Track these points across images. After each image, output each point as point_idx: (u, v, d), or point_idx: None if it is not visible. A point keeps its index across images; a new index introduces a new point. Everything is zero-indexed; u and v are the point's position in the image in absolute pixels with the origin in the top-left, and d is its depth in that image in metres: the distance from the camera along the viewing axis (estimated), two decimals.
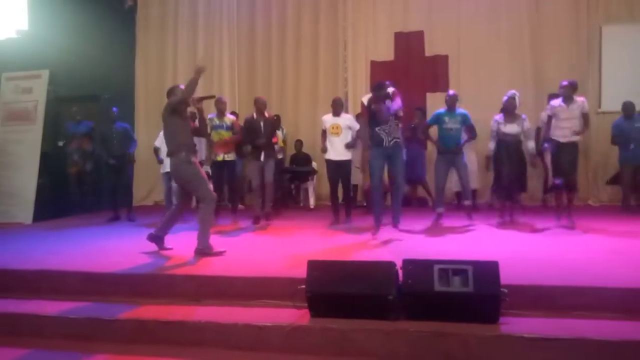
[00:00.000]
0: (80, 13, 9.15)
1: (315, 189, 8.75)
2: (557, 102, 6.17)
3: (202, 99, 5.28)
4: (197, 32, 9.70)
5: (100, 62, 9.04)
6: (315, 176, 8.72)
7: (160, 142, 7.35)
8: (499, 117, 6.34)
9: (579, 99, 6.16)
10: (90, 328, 3.74)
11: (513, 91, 6.34)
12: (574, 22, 8.49)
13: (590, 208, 7.91)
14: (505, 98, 6.28)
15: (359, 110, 8.09)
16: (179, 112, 5.00)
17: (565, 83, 6.17)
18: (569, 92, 6.08)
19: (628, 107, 7.28)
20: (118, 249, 5.40)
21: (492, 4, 8.73)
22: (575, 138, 6.07)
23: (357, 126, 6.82)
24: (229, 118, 7.06)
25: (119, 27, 9.57)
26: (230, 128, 6.97)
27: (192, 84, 4.89)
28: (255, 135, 6.83)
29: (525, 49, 8.63)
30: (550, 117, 6.19)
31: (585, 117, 6.12)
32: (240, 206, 8.85)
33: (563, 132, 6.06)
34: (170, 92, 5.18)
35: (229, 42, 9.63)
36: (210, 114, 7.18)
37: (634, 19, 8.29)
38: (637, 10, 8.31)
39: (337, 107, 6.78)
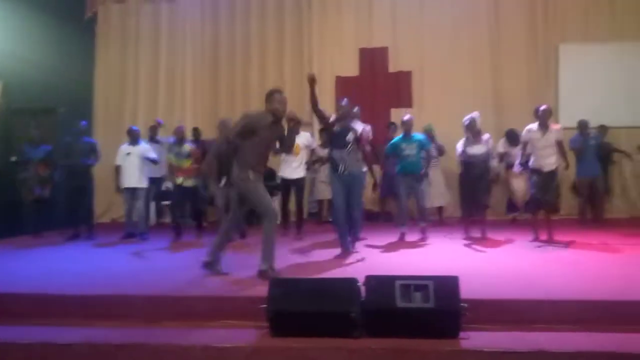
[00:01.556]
0: (36, 22, 8.84)
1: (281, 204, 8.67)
2: (533, 127, 6.06)
3: (296, 125, 5.06)
4: (160, 45, 9.59)
5: (57, 73, 8.74)
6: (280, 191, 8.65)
7: (122, 159, 7.20)
8: (462, 141, 6.41)
9: (555, 126, 6.16)
10: (43, 353, 3.56)
11: (473, 113, 6.41)
12: (532, 41, 8.81)
13: (548, 221, 8.08)
14: (466, 122, 6.34)
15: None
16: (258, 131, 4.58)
17: (542, 108, 6.07)
18: (546, 118, 6.00)
19: (583, 125, 7.52)
20: (73, 269, 5.20)
21: (453, 22, 8.97)
22: (552, 167, 5.98)
23: (314, 145, 6.83)
24: (187, 146, 7.02)
25: (78, 39, 9.32)
26: (189, 156, 6.94)
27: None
28: (217, 160, 6.70)
29: (486, 66, 8.89)
30: (525, 144, 6.12)
31: (559, 145, 6.03)
32: (204, 223, 8.74)
33: (537, 162, 6.00)
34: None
35: (192, 56, 9.55)
36: (170, 139, 7.13)
37: (588, 38, 8.66)
38: (591, 30, 8.70)
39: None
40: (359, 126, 5.77)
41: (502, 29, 8.89)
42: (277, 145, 4.97)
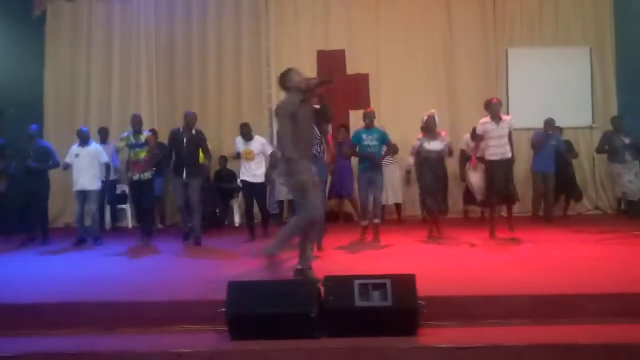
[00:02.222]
0: None
1: (241, 207, 8.62)
2: (487, 120, 6.32)
3: (321, 83, 4.59)
4: (113, 45, 9.30)
5: (5, 73, 8.37)
6: (240, 193, 8.59)
7: (71, 158, 6.97)
8: (421, 136, 6.57)
9: (506, 117, 6.42)
10: None
11: (432, 111, 6.59)
12: (483, 44, 9.13)
13: (501, 218, 8.36)
14: (425, 118, 6.51)
15: None
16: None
17: (495, 101, 6.38)
18: (498, 110, 6.28)
19: (548, 124, 7.80)
20: (23, 276, 5.00)
21: (408, 26, 9.15)
22: (507, 155, 6.24)
23: (269, 150, 6.80)
24: (144, 135, 6.75)
25: (27, 38, 8.93)
26: (145, 145, 6.67)
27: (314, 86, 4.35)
28: (178, 149, 6.58)
29: (440, 68, 9.13)
30: (481, 137, 6.36)
31: (509, 137, 6.28)
32: (160, 226, 8.58)
33: (493, 151, 6.24)
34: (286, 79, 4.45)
35: (146, 56, 9.31)
36: (126, 132, 6.92)
37: (535, 43, 9.08)
38: (537, 35, 9.12)
39: (246, 135, 6.82)
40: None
41: (455, 33, 9.14)
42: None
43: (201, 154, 6.83)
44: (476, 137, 6.60)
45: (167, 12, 9.35)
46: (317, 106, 4.71)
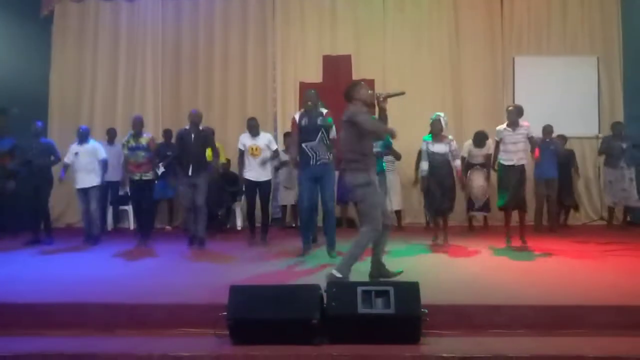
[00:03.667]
0: None
1: (243, 209, 8.59)
2: (502, 127, 6.39)
3: (389, 96, 4.60)
4: (119, 45, 9.32)
5: (10, 72, 8.37)
6: (242, 196, 8.57)
7: (70, 158, 6.98)
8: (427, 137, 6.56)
9: (524, 123, 6.40)
10: None
11: (438, 113, 6.57)
12: (490, 52, 9.11)
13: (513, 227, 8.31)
14: (431, 119, 6.51)
15: (288, 129, 8.08)
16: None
17: (511, 108, 6.42)
18: (514, 117, 6.31)
19: (546, 130, 7.77)
20: (24, 276, 4.98)
21: (415, 32, 9.14)
22: (522, 162, 6.27)
23: (275, 146, 6.76)
24: (145, 137, 6.74)
25: (34, 37, 8.96)
26: (146, 148, 6.66)
27: (381, 129, 4.43)
28: (185, 147, 6.51)
29: (446, 74, 9.11)
30: (498, 143, 6.40)
31: (531, 141, 6.34)
32: (167, 227, 8.58)
33: (508, 156, 6.27)
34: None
35: (152, 58, 9.33)
36: (126, 136, 6.93)
37: (542, 51, 9.06)
38: (544, 43, 9.10)
39: (253, 128, 6.65)
40: (324, 110, 5.76)
41: (462, 40, 9.12)
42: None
43: (209, 152, 6.79)
44: (494, 143, 6.60)
45: (173, 15, 9.37)
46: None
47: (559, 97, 8.80)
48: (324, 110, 5.79)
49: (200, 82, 9.30)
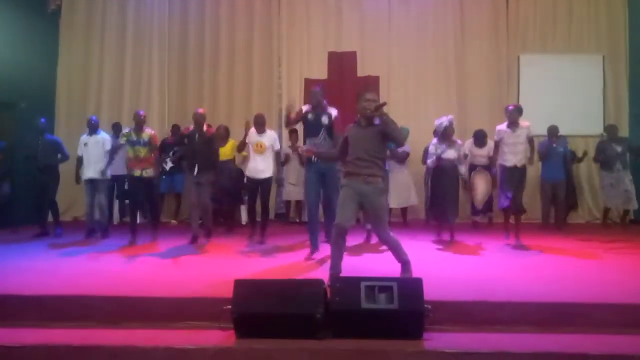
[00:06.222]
0: None
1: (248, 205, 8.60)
2: (502, 127, 6.35)
3: (377, 108, 4.35)
4: (126, 40, 9.35)
5: (17, 67, 8.40)
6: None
7: (81, 149, 7.02)
8: (435, 141, 6.51)
9: (524, 123, 6.36)
10: None
11: (449, 117, 6.52)
12: (495, 49, 9.09)
13: (510, 225, 8.31)
14: (442, 123, 6.43)
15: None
16: None
17: (511, 107, 6.37)
18: (514, 117, 6.25)
19: (551, 131, 7.74)
20: (31, 268, 5.02)
21: (420, 29, 9.14)
22: (522, 163, 6.24)
23: (278, 146, 6.72)
24: (147, 133, 6.65)
25: (41, 31, 8.99)
26: (148, 144, 6.59)
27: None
28: (191, 148, 6.57)
29: (451, 72, 9.10)
30: (497, 143, 6.37)
31: (530, 142, 6.32)
32: (173, 221, 8.61)
33: (507, 157, 6.25)
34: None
35: (159, 53, 9.36)
36: (127, 128, 6.90)
37: (547, 49, 9.03)
38: (549, 42, 9.08)
39: (260, 124, 6.57)
40: (333, 111, 5.75)
41: (467, 38, 9.11)
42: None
43: (222, 150, 6.90)
44: (494, 143, 6.59)
45: (180, 11, 9.40)
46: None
47: (564, 95, 8.78)
48: (333, 112, 5.75)
49: (205, 78, 9.32)
